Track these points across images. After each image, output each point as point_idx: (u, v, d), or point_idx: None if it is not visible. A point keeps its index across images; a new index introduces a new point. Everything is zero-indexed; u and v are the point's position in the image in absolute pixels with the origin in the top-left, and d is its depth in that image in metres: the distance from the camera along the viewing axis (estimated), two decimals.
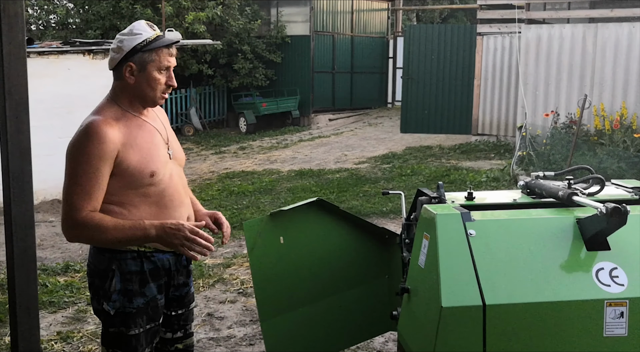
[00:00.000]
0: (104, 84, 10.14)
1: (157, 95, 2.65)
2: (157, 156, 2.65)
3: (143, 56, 2.58)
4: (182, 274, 2.84)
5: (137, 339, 2.67)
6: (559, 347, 2.32)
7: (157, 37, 2.62)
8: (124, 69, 2.61)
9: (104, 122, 2.53)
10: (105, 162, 2.50)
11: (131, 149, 2.56)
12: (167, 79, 2.65)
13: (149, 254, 2.67)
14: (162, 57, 2.61)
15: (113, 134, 2.52)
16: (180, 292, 2.85)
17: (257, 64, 18.82)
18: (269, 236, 3.22)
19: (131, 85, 2.62)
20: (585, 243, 2.44)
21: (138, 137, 2.61)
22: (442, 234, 2.40)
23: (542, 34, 10.67)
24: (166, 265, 2.73)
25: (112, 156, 2.51)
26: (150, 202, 2.63)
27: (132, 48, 2.58)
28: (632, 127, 9.20)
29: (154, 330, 2.74)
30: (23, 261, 2.28)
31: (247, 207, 9.03)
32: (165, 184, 2.66)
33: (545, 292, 2.33)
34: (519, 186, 3.03)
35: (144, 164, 2.58)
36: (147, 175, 2.59)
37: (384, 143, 15.01)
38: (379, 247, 3.52)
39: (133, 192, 2.59)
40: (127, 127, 2.60)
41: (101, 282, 2.64)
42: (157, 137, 2.71)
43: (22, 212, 2.27)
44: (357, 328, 3.54)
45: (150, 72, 2.60)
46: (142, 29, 2.61)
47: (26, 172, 2.26)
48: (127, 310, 2.64)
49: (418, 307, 2.52)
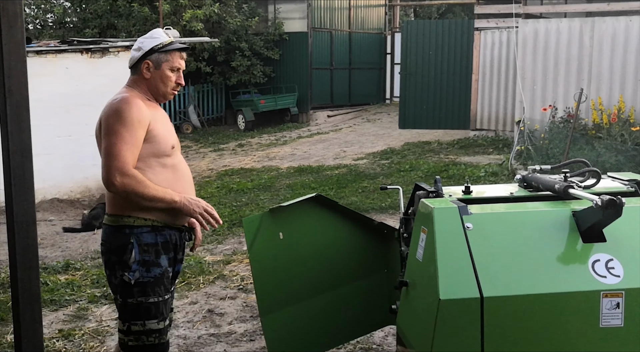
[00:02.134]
0: (102, 82, 10.17)
1: (167, 91, 3.10)
2: (173, 134, 3.09)
3: (159, 56, 3.04)
4: (182, 250, 3.12)
5: (157, 307, 2.91)
6: (556, 337, 2.35)
7: (171, 42, 3.08)
8: (142, 65, 3.04)
9: (136, 96, 2.97)
10: (143, 127, 2.88)
11: (157, 122, 2.98)
12: (177, 78, 3.11)
13: (160, 227, 2.95)
14: (175, 58, 3.07)
15: (145, 106, 2.94)
16: (178, 267, 3.12)
17: (255, 61, 18.83)
18: (269, 231, 3.24)
19: (147, 80, 3.05)
20: (582, 235, 2.47)
21: (158, 115, 3.04)
22: (439, 228, 2.43)
23: (539, 28, 10.68)
24: (173, 239, 3.01)
25: (146, 124, 2.90)
26: (167, 172, 2.97)
27: (150, 48, 3.02)
28: (630, 121, 9.22)
29: (170, 301, 3.02)
30: (25, 258, 2.32)
31: (246, 204, 9.05)
32: (178, 159, 3.06)
33: (542, 284, 2.36)
34: (515, 179, 3.06)
35: (167, 136, 3.00)
36: (169, 146, 2.99)
37: (383, 139, 15.03)
38: (377, 242, 3.54)
39: (155, 160, 2.93)
40: (149, 107, 3.00)
41: (119, 257, 2.90)
42: (169, 122, 3.16)
43: (23, 210, 2.31)
44: (356, 322, 3.57)
45: (164, 70, 3.05)
46: (159, 34, 3.08)
47: (27, 170, 2.30)
48: (145, 279, 2.89)
49: (416, 300, 2.55)
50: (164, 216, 2.96)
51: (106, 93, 5.41)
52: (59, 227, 8.33)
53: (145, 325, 2.91)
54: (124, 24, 17.07)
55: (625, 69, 10.02)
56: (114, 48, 9.98)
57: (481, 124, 13.70)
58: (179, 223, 3.06)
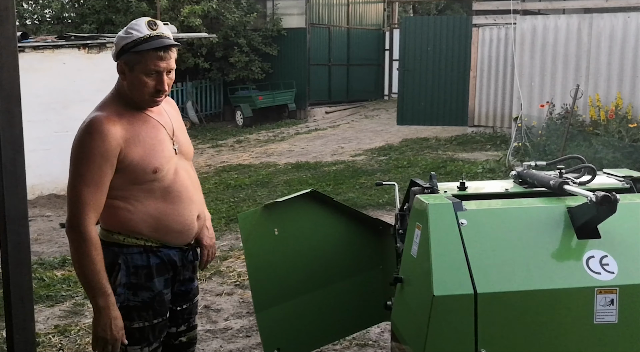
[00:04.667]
0: (100, 78, 10.14)
1: (144, 98, 2.57)
2: (160, 152, 2.60)
3: (131, 57, 2.51)
4: (188, 270, 2.82)
5: (142, 332, 2.65)
6: (550, 334, 2.35)
7: (149, 38, 2.50)
8: (117, 66, 2.58)
9: (106, 119, 2.50)
10: (108, 160, 2.47)
11: (134, 145, 2.53)
12: (156, 83, 2.54)
13: (155, 248, 2.65)
14: (149, 61, 2.50)
15: (115, 130, 2.49)
16: (185, 287, 2.82)
17: (253, 57, 18.81)
18: (264, 227, 3.23)
19: (124, 84, 2.59)
20: (576, 231, 2.46)
21: (142, 132, 2.58)
22: (433, 224, 2.42)
23: (537, 24, 10.67)
24: (172, 260, 2.71)
25: (115, 154, 2.48)
26: (155, 197, 2.60)
27: (121, 47, 2.53)
28: (627, 117, 9.21)
29: (161, 325, 2.72)
30: (17, 253, 2.29)
31: (243, 200, 9.04)
32: (169, 180, 2.62)
33: (536, 281, 2.35)
34: (510, 175, 3.05)
35: (147, 160, 2.55)
36: (150, 171, 2.55)
37: (381, 135, 15.03)
38: (373, 238, 3.54)
39: (137, 188, 2.57)
40: (130, 122, 2.56)
41: (107, 275, 2.59)
42: (161, 132, 2.66)
43: (15, 205, 2.28)
44: (351, 318, 3.56)
45: (137, 74, 2.52)
46: (136, 28, 2.52)
47: (19, 165, 2.27)
48: (131, 303, 2.62)
49: (411, 297, 2.55)
50: (160, 236, 2.63)
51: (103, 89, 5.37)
52: (56, 223, 8.32)
53: (127, 351, 2.63)
54: (121, 19, 17.04)
55: (623, 66, 10.01)
56: (112, 43, 9.94)
57: (479, 120, 13.71)
58: (179, 243, 2.70)
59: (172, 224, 2.65)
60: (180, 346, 2.93)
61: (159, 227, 2.63)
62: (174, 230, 2.67)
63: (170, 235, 2.66)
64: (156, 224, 2.62)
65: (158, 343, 2.74)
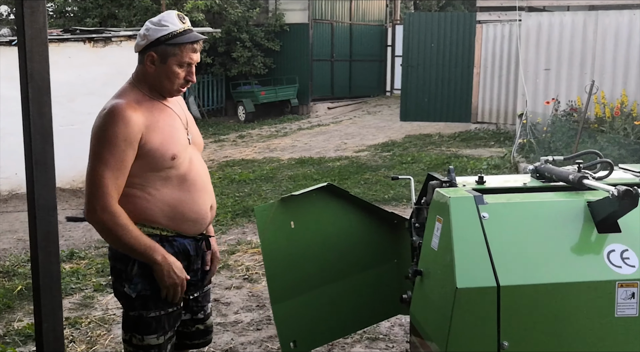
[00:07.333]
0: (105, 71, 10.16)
1: (173, 88, 2.68)
2: (177, 139, 2.67)
3: (166, 49, 2.60)
4: (201, 259, 2.87)
5: (158, 321, 2.70)
6: (571, 327, 2.36)
7: (184, 31, 2.62)
8: (146, 57, 2.63)
9: (127, 105, 2.56)
10: (131, 145, 2.53)
11: (153, 132, 2.59)
12: (186, 74, 2.67)
13: (170, 238, 2.70)
14: (185, 53, 2.62)
15: (136, 116, 2.55)
16: (198, 276, 2.87)
17: (256, 52, 18.81)
18: (280, 220, 3.24)
19: (151, 74, 2.65)
20: (596, 225, 2.47)
21: (160, 120, 2.64)
22: (455, 217, 2.43)
23: (542, 21, 10.67)
24: (186, 250, 2.75)
25: (137, 139, 2.54)
26: (171, 185, 2.65)
27: (156, 39, 2.60)
28: (633, 115, 9.23)
29: (175, 313, 2.76)
30: (47, 243, 2.31)
31: (249, 195, 9.05)
32: (185, 168, 2.69)
33: (557, 274, 2.36)
34: (528, 170, 3.06)
35: (165, 146, 2.60)
36: (168, 157, 2.61)
37: (384, 131, 15.04)
38: (387, 231, 3.55)
39: (155, 175, 2.61)
40: (148, 110, 2.62)
41: (123, 266, 2.67)
42: (177, 121, 2.74)
43: (44, 195, 2.29)
44: (366, 312, 3.58)
45: (171, 65, 2.62)
46: (170, 21, 2.61)
47: (49, 156, 2.28)
48: (147, 292, 2.66)
49: (431, 289, 2.56)
50: (176, 225, 2.69)
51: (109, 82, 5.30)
52: (62, 217, 8.32)
53: (144, 340, 2.69)
54: (124, 13, 17.04)
55: (628, 63, 10.03)
56: (117, 37, 9.96)
57: (482, 117, 13.72)
58: (194, 232, 2.77)
59: (188, 212, 2.71)
60: (198, 334, 2.99)
61: (175, 215, 2.68)
62: (189, 219, 2.72)
63: (185, 224, 2.72)
64: (172, 212, 2.67)
65: (173, 332, 2.78)
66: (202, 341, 3.03)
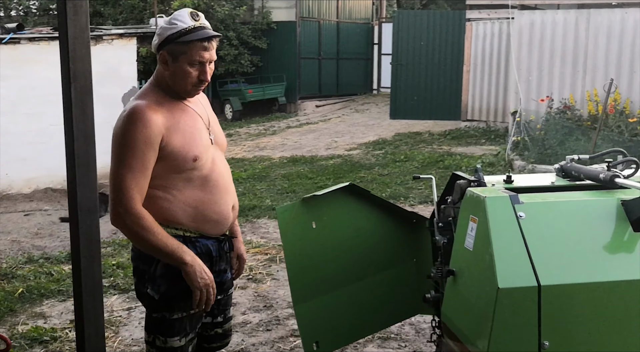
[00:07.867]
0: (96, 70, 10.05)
1: (187, 88, 2.62)
2: (199, 140, 2.63)
3: (176, 47, 2.54)
4: (224, 261, 2.83)
5: (180, 323, 2.66)
6: (609, 325, 2.35)
7: (193, 29, 2.55)
8: (160, 56, 2.60)
9: (147, 107, 2.52)
10: (151, 147, 2.49)
11: (175, 133, 2.55)
12: (199, 73, 2.59)
13: (193, 239, 2.66)
14: (194, 51, 2.55)
15: (157, 118, 2.51)
16: (221, 278, 2.82)
17: (243, 50, 18.72)
18: (302, 220, 3.21)
19: (166, 74, 2.61)
20: (632, 224, 2.46)
21: (181, 121, 2.60)
22: (492, 217, 2.41)
23: (535, 19, 10.72)
24: (209, 250, 2.71)
25: (158, 140, 2.50)
26: (193, 186, 2.62)
27: (166, 37, 2.55)
28: (626, 112, 9.30)
29: (198, 315, 2.72)
30: (89, 245, 2.25)
31: (243, 194, 8.98)
32: (207, 169, 2.65)
33: (596, 273, 2.36)
34: (553, 168, 3.06)
35: (187, 148, 2.56)
36: (190, 159, 2.57)
37: (373, 129, 15.03)
38: (407, 231, 3.53)
39: (177, 177, 2.58)
40: (169, 111, 2.58)
41: (146, 266, 2.63)
42: (199, 122, 2.69)
43: (87, 196, 2.24)
44: (387, 312, 3.55)
45: (182, 64, 2.56)
46: (180, 19, 2.55)
47: (91, 157, 2.23)
48: (170, 294, 2.62)
49: (468, 290, 2.53)
50: (198, 225, 2.65)
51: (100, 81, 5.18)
52: (55, 217, 8.22)
53: (167, 342, 2.65)
54: (110, 11, 16.88)
55: (620, 61, 10.10)
56: (108, 36, 9.84)
57: (472, 115, 13.76)
58: (216, 233, 2.73)
59: (210, 213, 2.68)
60: (216, 337, 2.95)
61: (197, 216, 2.65)
62: (212, 219, 2.69)
63: (208, 224, 2.68)
64: (195, 213, 2.64)
65: (194, 334, 2.75)
66: (219, 344, 2.99)
